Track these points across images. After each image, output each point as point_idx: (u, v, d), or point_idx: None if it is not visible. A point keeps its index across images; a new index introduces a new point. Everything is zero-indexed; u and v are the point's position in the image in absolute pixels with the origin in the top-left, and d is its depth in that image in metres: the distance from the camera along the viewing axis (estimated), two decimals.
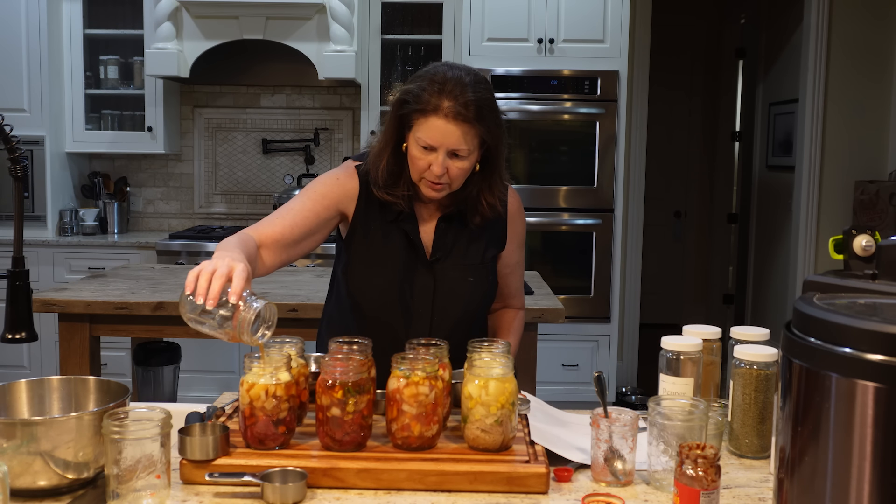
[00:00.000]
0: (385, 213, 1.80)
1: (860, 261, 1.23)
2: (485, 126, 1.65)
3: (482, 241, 1.84)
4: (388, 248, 1.80)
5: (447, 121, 1.62)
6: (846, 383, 0.87)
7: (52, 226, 4.54)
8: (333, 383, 1.32)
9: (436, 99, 1.63)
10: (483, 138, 1.67)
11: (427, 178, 1.69)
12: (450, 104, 1.62)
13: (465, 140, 1.64)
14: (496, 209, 1.79)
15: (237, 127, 4.91)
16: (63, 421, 1.19)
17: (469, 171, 1.70)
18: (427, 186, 1.71)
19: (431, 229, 1.82)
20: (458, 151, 1.65)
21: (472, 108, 1.62)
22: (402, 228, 1.80)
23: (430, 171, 1.68)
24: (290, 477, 1.24)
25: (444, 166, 1.65)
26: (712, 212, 6.63)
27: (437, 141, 1.64)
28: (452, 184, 1.70)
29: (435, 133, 1.64)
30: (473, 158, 1.69)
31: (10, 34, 4.41)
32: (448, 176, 1.68)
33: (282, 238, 1.69)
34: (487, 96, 1.67)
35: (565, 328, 4.30)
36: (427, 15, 4.68)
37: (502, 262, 1.90)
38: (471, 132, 1.64)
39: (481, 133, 1.66)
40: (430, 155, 1.66)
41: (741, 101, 6.13)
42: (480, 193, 1.77)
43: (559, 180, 4.32)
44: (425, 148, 1.66)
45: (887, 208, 4.46)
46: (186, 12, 4.29)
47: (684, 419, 1.29)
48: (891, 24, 4.77)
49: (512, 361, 1.37)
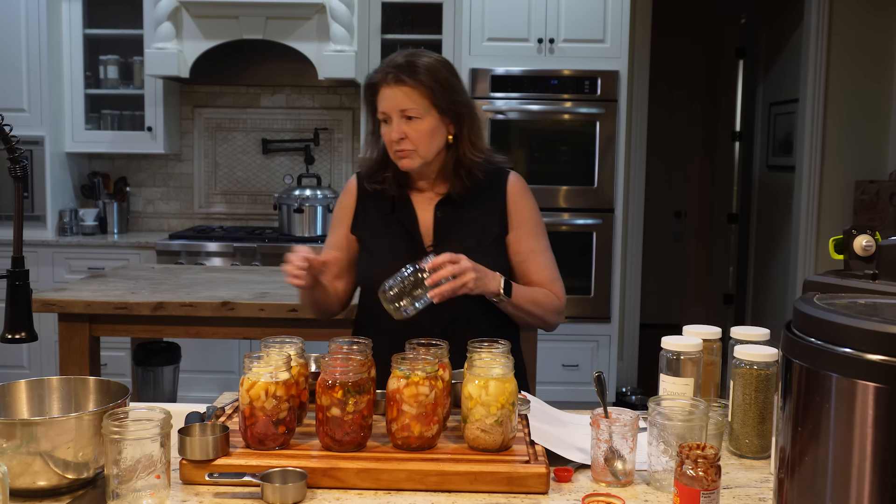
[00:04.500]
0: (381, 206, 1.89)
1: (860, 261, 1.23)
2: (428, 86, 1.76)
3: (479, 224, 1.86)
4: (389, 239, 1.87)
5: (390, 86, 1.77)
6: (846, 383, 0.87)
7: (52, 226, 4.54)
8: (333, 383, 1.32)
9: (381, 74, 1.79)
10: (432, 100, 1.77)
11: (393, 148, 1.80)
12: (390, 70, 1.77)
13: (410, 99, 1.76)
14: (475, 176, 1.84)
15: (237, 127, 4.91)
16: (63, 421, 1.19)
17: (430, 134, 1.79)
18: (396, 157, 1.81)
19: (430, 218, 1.87)
20: (408, 111, 1.76)
21: (410, 68, 1.76)
22: (400, 219, 1.87)
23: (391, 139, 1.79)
24: (290, 477, 1.24)
25: (401, 130, 1.77)
26: (712, 212, 6.63)
27: (386, 106, 1.78)
28: (419, 149, 1.79)
29: (383, 101, 1.78)
30: (431, 120, 1.78)
31: (10, 34, 4.41)
32: (410, 141, 1.77)
33: (340, 270, 1.91)
34: (429, 61, 1.80)
35: (565, 328, 4.29)
36: (427, 15, 4.67)
37: (512, 249, 1.90)
38: (414, 92, 1.76)
39: (427, 93, 1.76)
40: (391, 125, 1.79)
41: (741, 101, 6.13)
42: (457, 163, 1.84)
43: (559, 180, 4.31)
44: (385, 122, 1.80)
45: (887, 208, 4.46)
46: (186, 12, 4.29)
47: (684, 419, 1.29)
48: (891, 23, 4.77)
49: (512, 361, 1.37)
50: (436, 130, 1.79)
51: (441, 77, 1.80)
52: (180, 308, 2.54)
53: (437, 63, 1.82)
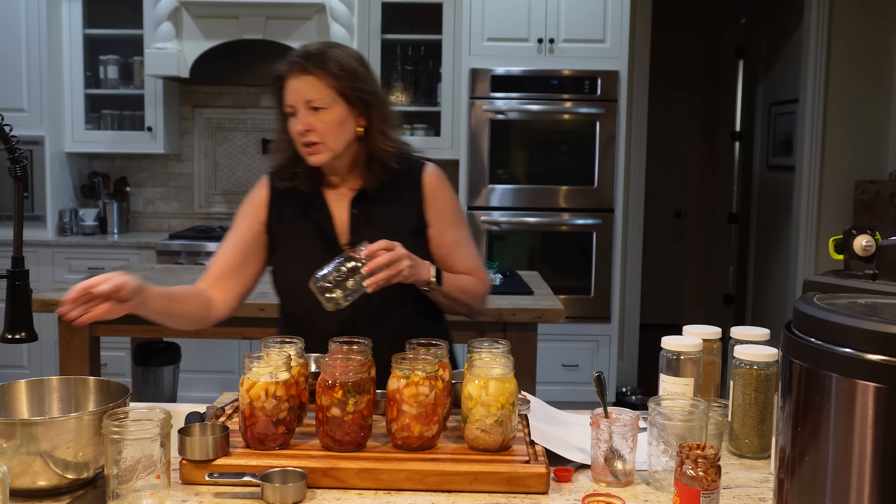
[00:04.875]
0: (296, 206, 1.84)
1: (860, 261, 1.23)
2: (334, 74, 1.70)
3: (397, 219, 1.82)
4: (304, 241, 1.83)
5: (294, 77, 1.72)
6: (846, 383, 0.87)
7: (52, 226, 4.54)
8: (333, 383, 1.32)
9: (287, 65, 1.74)
10: (339, 89, 1.71)
11: (300, 142, 1.74)
12: (295, 60, 1.73)
13: (315, 89, 1.70)
14: (389, 169, 1.80)
15: (237, 127, 4.91)
16: (63, 421, 1.19)
17: (338, 125, 1.73)
18: (305, 153, 1.75)
19: (346, 215, 1.83)
20: (313, 102, 1.70)
21: (312, 58, 1.71)
22: (314, 218, 1.82)
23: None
24: (290, 477, 1.24)
25: (307, 122, 1.71)
26: (712, 212, 6.63)
27: (291, 99, 1.72)
28: (327, 142, 1.73)
29: (290, 92, 1.73)
30: (339, 111, 1.72)
31: (10, 34, 4.41)
32: (317, 133, 1.72)
33: (223, 272, 1.81)
34: (337, 52, 1.74)
35: (565, 328, 4.30)
36: (427, 15, 4.67)
37: (435, 242, 1.85)
38: (319, 82, 1.70)
39: (333, 83, 1.70)
40: (297, 117, 1.73)
41: (741, 101, 6.13)
42: (370, 155, 1.79)
43: (559, 180, 4.31)
44: (291, 115, 1.74)
45: (887, 208, 4.46)
46: (186, 12, 4.29)
47: (684, 419, 1.29)
48: (891, 23, 4.77)
49: (512, 361, 1.37)
50: (344, 121, 1.73)
51: (348, 66, 1.73)
52: None
53: (345, 53, 1.76)
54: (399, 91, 4.81)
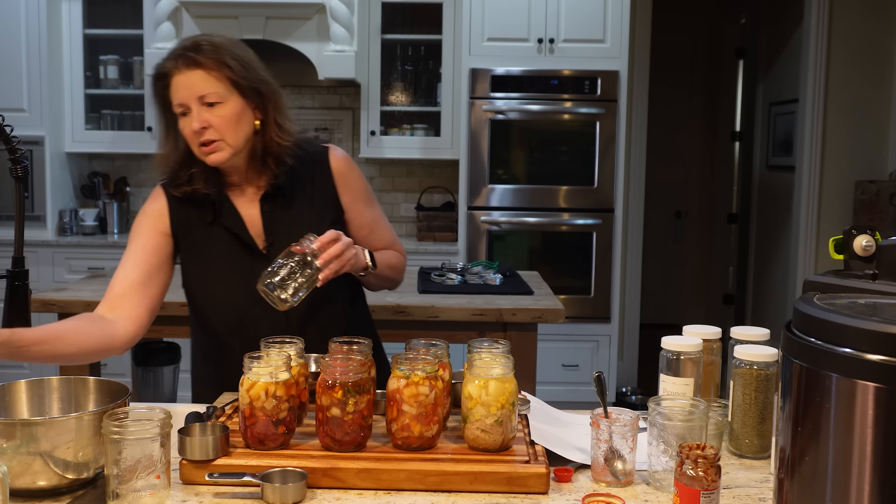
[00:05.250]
0: (201, 215, 1.71)
1: (860, 261, 1.23)
2: (225, 63, 1.60)
3: (312, 210, 1.75)
4: (219, 252, 1.72)
5: (182, 72, 1.60)
6: (846, 383, 0.87)
7: (52, 226, 4.54)
8: (333, 383, 1.32)
9: (170, 61, 1.62)
10: (232, 80, 1.61)
11: (196, 142, 1.63)
12: (179, 54, 1.61)
13: (207, 83, 1.59)
14: (284, 162, 1.70)
15: None
16: (63, 421, 1.19)
17: (236, 119, 1.62)
18: (203, 153, 1.64)
19: (258, 215, 1.73)
20: (207, 97, 1.59)
21: (200, 49, 1.60)
22: (225, 224, 1.72)
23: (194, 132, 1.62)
24: (290, 477, 1.24)
25: (202, 119, 1.60)
26: (712, 212, 6.63)
27: (182, 95, 1.60)
28: (226, 138, 1.62)
29: (178, 90, 1.61)
30: (235, 104, 1.62)
31: (10, 34, 4.41)
32: (215, 130, 1.61)
33: (127, 289, 1.64)
34: (221, 40, 1.64)
35: (565, 328, 4.30)
36: (427, 15, 4.68)
37: (355, 224, 1.81)
38: (210, 75, 1.60)
39: (226, 73, 1.60)
40: (190, 116, 1.62)
41: (741, 101, 6.13)
42: (264, 150, 1.69)
43: (559, 180, 4.31)
44: (184, 114, 1.62)
45: (887, 208, 4.46)
46: (186, 12, 4.29)
47: (684, 419, 1.29)
48: (891, 23, 4.77)
49: (512, 361, 1.37)
50: (241, 115, 1.63)
51: (237, 54, 1.63)
52: (180, 308, 2.53)
53: (230, 42, 1.66)
54: (399, 91, 4.81)
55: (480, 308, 2.59)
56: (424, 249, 4.44)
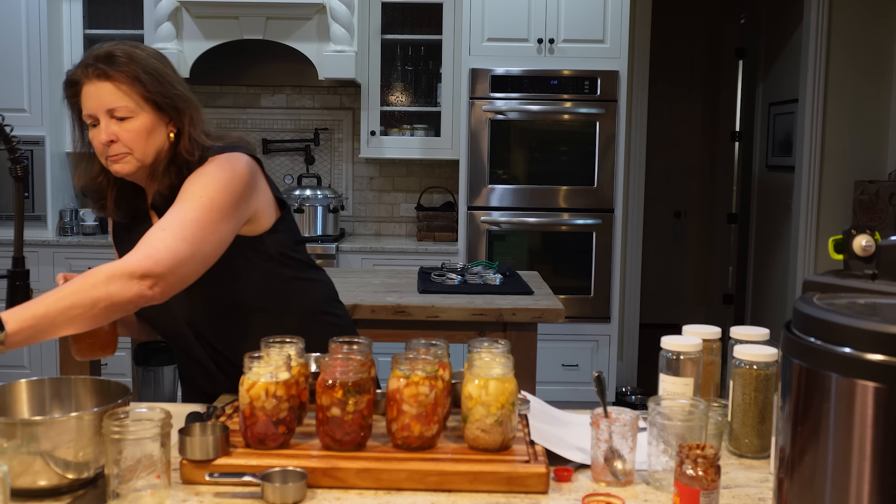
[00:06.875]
0: (133, 234, 1.64)
1: (860, 261, 1.23)
2: (137, 78, 1.54)
3: None
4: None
5: (92, 82, 1.55)
6: (846, 383, 0.87)
7: (53, 226, 4.54)
8: (333, 383, 1.32)
9: (81, 68, 1.57)
10: (144, 94, 1.55)
11: (104, 154, 1.58)
12: (90, 63, 1.55)
13: (116, 97, 1.54)
14: (182, 175, 1.61)
15: (237, 127, 4.90)
16: (63, 421, 1.19)
17: (146, 134, 1.56)
18: (111, 162, 1.58)
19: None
20: (117, 111, 1.54)
21: (114, 60, 1.54)
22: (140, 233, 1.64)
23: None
24: (290, 477, 1.24)
25: (111, 132, 1.54)
26: (712, 212, 6.63)
27: (91, 107, 1.56)
28: (134, 151, 1.56)
29: (88, 100, 1.56)
30: (146, 118, 1.56)
31: (10, 34, 4.41)
32: (123, 144, 1.55)
33: None
34: (135, 51, 1.57)
35: (565, 328, 4.30)
36: (427, 15, 4.68)
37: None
38: (120, 89, 1.54)
39: (137, 88, 1.54)
40: (99, 127, 1.57)
41: (741, 101, 6.13)
42: (171, 160, 1.60)
43: (559, 180, 4.32)
44: (93, 125, 1.58)
45: (887, 208, 4.47)
46: (186, 12, 4.29)
47: (684, 419, 1.29)
48: (891, 23, 4.77)
49: (512, 361, 1.37)
50: (153, 129, 1.57)
51: (151, 67, 1.56)
52: None
53: (147, 54, 1.59)
54: (399, 91, 4.81)
55: (480, 308, 2.59)
56: (424, 249, 4.44)
